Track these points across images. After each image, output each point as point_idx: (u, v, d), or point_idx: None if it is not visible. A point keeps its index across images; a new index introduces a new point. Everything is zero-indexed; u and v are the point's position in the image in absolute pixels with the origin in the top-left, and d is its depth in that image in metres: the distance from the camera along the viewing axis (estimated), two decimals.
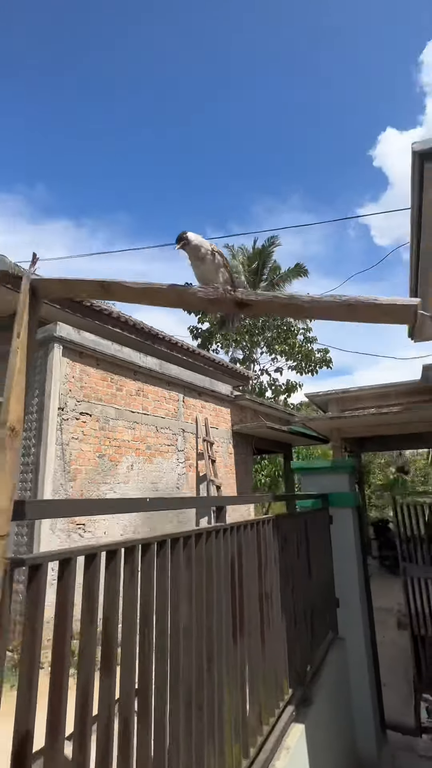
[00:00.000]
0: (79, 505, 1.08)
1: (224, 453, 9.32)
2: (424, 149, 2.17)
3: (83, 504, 1.09)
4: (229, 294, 0.94)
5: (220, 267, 1.14)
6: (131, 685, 1.16)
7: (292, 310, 0.93)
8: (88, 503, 1.10)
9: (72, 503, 1.06)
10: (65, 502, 1.02)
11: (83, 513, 1.08)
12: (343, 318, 0.91)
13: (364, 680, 3.59)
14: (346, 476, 3.95)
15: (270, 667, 2.12)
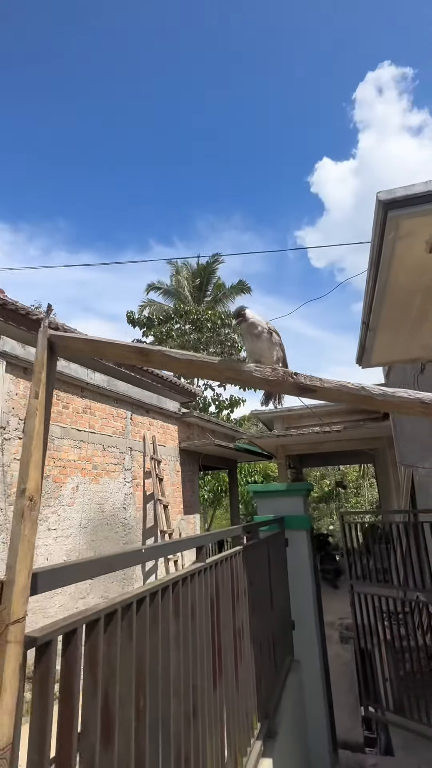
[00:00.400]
0: (91, 565, 1.01)
1: (171, 471, 9.21)
2: (388, 199, 2.32)
3: (92, 565, 1.02)
4: (291, 378, 0.93)
5: (276, 346, 1.14)
6: (129, 756, 1.09)
7: (360, 400, 0.94)
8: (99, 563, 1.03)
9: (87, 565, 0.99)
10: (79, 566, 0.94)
11: (97, 573, 1.01)
12: (417, 413, 0.93)
13: (318, 702, 3.65)
14: (301, 499, 4.05)
15: (242, 704, 2.10)
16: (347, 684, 5.55)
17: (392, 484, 10.72)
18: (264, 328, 1.16)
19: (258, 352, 1.13)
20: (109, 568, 1.08)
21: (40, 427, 0.81)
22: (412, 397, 0.90)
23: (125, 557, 1.17)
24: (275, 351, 1.18)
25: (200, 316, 18.13)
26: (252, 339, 1.16)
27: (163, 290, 21.52)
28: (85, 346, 0.90)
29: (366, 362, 4.59)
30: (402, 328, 3.84)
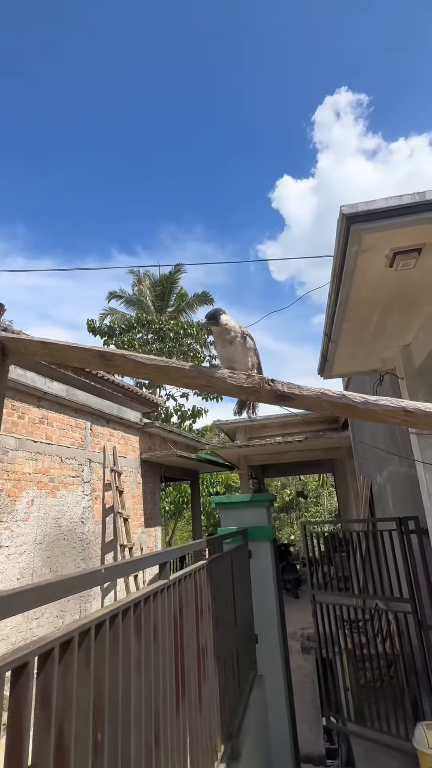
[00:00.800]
0: (43, 591, 0.92)
1: (132, 482, 9.00)
2: (351, 212, 2.37)
3: (47, 589, 0.93)
4: (267, 385, 0.88)
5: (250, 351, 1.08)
6: None
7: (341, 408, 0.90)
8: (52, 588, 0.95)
9: (36, 591, 0.90)
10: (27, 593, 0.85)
11: (49, 600, 0.92)
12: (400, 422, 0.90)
13: (282, 717, 3.60)
14: (264, 510, 4.03)
15: (206, 727, 2.02)
16: (309, 695, 5.53)
17: (351, 493, 10.95)
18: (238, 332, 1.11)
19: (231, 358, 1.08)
20: (64, 593, 0.99)
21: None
22: (395, 405, 0.89)
23: (82, 579, 1.08)
24: (249, 356, 1.12)
25: (163, 326, 18.03)
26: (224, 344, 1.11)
27: (125, 299, 21.29)
28: (40, 350, 0.83)
29: (327, 373, 4.66)
30: (362, 340, 3.93)
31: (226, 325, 1.11)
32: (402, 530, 4.28)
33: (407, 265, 2.71)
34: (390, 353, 4.30)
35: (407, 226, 2.40)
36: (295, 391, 0.91)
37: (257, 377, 0.95)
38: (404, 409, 0.90)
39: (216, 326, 1.11)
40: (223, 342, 1.11)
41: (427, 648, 4.02)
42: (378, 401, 0.91)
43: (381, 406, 0.90)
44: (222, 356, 1.11)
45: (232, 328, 1.11)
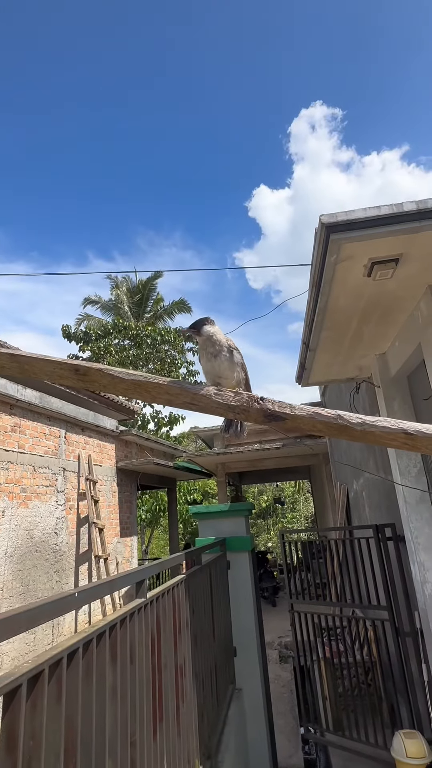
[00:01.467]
0: (10, 622, 0.85)
1: (108, 491, 8.82)
2: (330, 222, 2.37)
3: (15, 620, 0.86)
4: (257, 403, 0.83)
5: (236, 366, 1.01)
6: None
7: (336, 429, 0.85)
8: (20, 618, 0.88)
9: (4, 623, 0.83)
10: None
11: (17, 632, 0.84)
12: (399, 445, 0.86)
13: (260, 730, 3.54)
14: (243, 519, 3.99)
15: (184, 749, 1.94)
16: (287, 706, 5.48)
17: (328, 499, 11.02)
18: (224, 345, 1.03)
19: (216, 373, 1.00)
20: (34, 622, 0.92)
21: None
22: (395, 427, 0.84)
23: (55, 605, 1.01)
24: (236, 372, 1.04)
25: (139, 332, 17.87)
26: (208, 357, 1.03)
27: (101, 305, 21.04)
28: (8, 362, 0.76)
29: (305, 381, 4.68)
30: (340, 348, 3.95)
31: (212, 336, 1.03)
32: (379, 537, 4.30)
33: (385, 275, 2.74)
34: (367, 362, 4.34)
35: (385, 236, 2.42)
36: (287, 410, 0.86)
37: (245, 395, 0.89)
38: (405, 431, 0.85)
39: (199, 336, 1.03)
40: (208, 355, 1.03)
41: (404, 655, 4.03)
42: (376, 422, 0.87)
43: (379, 428, 0.86)
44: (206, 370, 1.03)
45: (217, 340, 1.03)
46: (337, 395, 7.10)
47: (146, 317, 21.51)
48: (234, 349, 1.06)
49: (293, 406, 0.87)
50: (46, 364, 0.77)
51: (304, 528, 27.42)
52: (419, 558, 3.67)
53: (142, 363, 18.23)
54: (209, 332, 1.04)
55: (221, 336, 1.05)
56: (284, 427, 0.90)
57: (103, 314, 20.93)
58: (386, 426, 0.85)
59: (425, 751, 3.35)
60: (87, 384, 0.80)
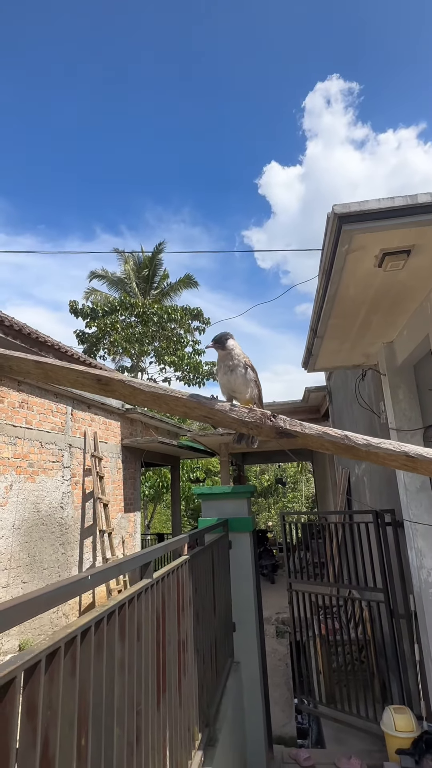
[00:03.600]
0: (27, 606, 0.91)
1: (113, 468, 8.98)
2: (343, 212, 2.36)
3: (31, 604, 0.92)
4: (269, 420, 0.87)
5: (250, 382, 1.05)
6: None
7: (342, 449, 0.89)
8: (36, 602, 0.94)
9: (19, 608, 0.89)
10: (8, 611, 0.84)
11: (32, 614, 0.91)
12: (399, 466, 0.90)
13: (257, 701, 3.70)
14: (245, 501, 4.07)
15: (185, 718, 2.06)
16: (282, 678, 5.70)
17: (329, 481, 11.15)
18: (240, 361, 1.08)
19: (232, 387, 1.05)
20: (53, 603, 0.99)
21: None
22: (398, 450, 0.88)
23: (70, 588, 1.08)
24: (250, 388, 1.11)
25: (146, 309, 17.81)
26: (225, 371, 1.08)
27: (108, 279, 20.91)
28: (34, 369, 0.79)
29: (311, 367, 4.70)
30: (347, 336, 3.96)
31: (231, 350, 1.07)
32: (378, 522, 4.39)
33: (396, 266, 2.73)
34: (374, 349, 4.35)
35: (398, 228, 2.40)
36: (297, 428, 0.91)
37: (259, 412, 0.94)
38: (406, 454, 0.89)
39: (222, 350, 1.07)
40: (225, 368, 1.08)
41: (398, 635, 4.17)
42: (380, 444, 0.91)
43: (383, 449, 0.90)
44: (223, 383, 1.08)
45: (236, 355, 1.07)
46: (343, 380, 7.11)
47: (153, 293, 21.39)
48: (249, 366, 1.10)
49: (303, 425, 0.91)
50: (69, 372, 0.80)
51: (305, 508, 27.80)
52: (416, 544, 3.76)
53: (148, 341, 18.24)
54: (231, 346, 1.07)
55: (239, 351, 1.09)
56: (297, 443, 0.94)
57: (109, 289, 20.83)
58: (389, 448, 0.89)
59: (413, 725, 3.51)
60: (108, 393, 0.84)
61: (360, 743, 4.04)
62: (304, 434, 0.93)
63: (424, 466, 0.91)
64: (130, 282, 20.90)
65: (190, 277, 21.38)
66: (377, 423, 4.80)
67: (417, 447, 0.91)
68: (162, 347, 18.84)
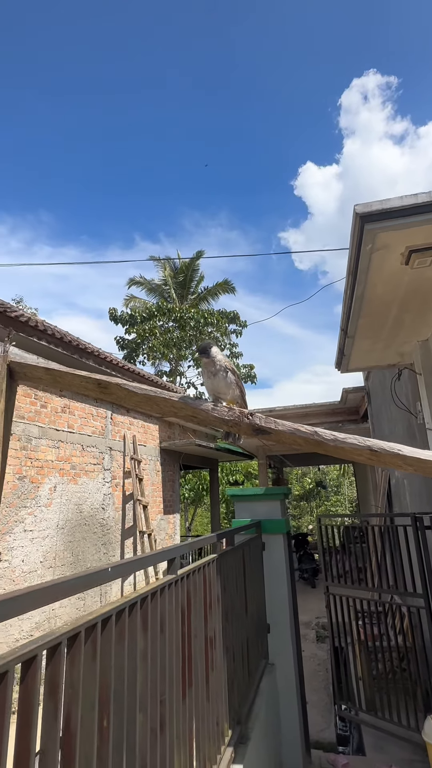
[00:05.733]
0: (49, 591, 0.99)
1: (152, 470, 9.18)
2: (365, 212, 2.35)
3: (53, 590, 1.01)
4: (246, 418, 0.94)
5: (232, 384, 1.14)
6: None
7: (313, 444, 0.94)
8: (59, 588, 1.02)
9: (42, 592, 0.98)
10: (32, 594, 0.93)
11: (53, 600, 1.00)
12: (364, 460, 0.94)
13: (292, 704, 3.69)
14: (278, 503, 4.08)
15: (213, 712, 2.11)
16: (321, 683, 5.63)
17: (370, 484, 10.88)
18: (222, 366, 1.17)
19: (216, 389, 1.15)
20: (72, 591, 1.07)
21: None
22: (362, 444, 0.92)
23: (90, 578, 1.16)
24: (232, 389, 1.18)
25: (183, 314, 18.06)
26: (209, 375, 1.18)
27: (145, 286, 21.37)
28: (44, 375, 0.89)
29: (344, 367, 4.64)
30: (379, 335, 3.89)
31: (214, 357, 1.17)
32: (417, 526, 4.27)
33: (423, 263, 2.68)
34: (408, 348, 4.25)
35: (423, 224, 2.37)
36: (271, 425, 0.96)
37: (237, 411, 1.00)
38: (370, 449, 0.92)
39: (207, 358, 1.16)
40: (209, 373, 1.17)
41: None
42: (346, 439, 0.94)
43: (349, 444, 0.93)
44: (208, 386, 1.17)
45: (218, 361, 1.17)
46: (381, 381, 6.95)
47: (190, 298, 21.66)
48: (230, 370, 1.19)
49: (277, 422, 0.96)
50: (74, 378, 0.89)
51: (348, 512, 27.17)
52: None
53: (186, 345, 18.49)
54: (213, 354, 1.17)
55: (221, 357, 1.19)
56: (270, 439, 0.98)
57: (148, 296, 21.29)
58: (354, 443, 0.92)
59: None
60: (107, 396, 0.92)
61: (401, 752, 3.94)
62: (277, 431, 0.97)
63: (386, 459, 0.93)
64: (168, 288, 21.28)
65: (227, 282, 21.51)
66: (415, 424, 4.67)
67: (380, 441, 0.93)
68: None
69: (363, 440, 0.93)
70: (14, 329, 6.81)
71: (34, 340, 7.13)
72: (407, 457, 0.95)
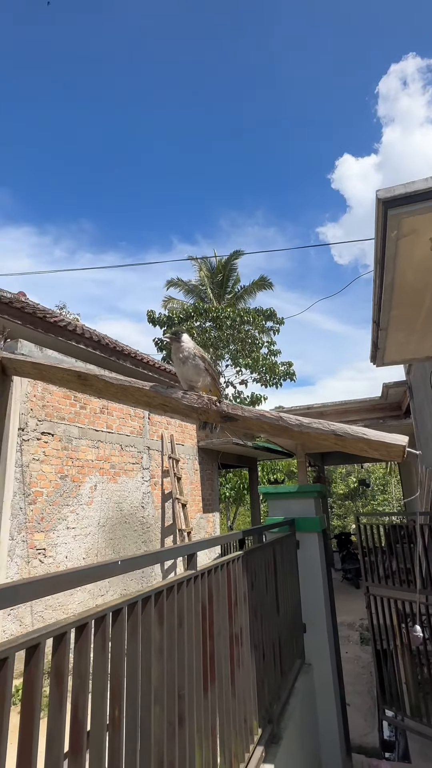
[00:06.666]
0: (57, 580, 1.02)
1: (190, 469, 9.26)
2: (387, 197, 2.26)
3: (54, 581, 1.04)
4: (213, 405, 0.94)
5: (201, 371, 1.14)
6: (102, 765, 1.11)
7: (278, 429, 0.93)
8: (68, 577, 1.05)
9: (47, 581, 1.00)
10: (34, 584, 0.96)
11: (60, 590, 1.03)
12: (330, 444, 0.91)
13: (330, 706, 3.61)
14: (312, 501, 4.00)
15: (240, 709, 2.09)
16: (365, 686, 5.47)
17: (416, 482, 10.47)
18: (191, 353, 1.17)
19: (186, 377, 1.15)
20: (82, 581, 1.09)
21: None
22: (326, 429, 0.88)
23: (99, 570, 1.18)
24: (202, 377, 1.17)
25: (219, 314, 18.10)
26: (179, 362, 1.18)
27: (183, 287, 21.59)
28: (32, 369, 0.93)
29: (380, 361, 4.49)
30: (414, 326, 3.74)
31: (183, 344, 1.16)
32: None
33: None
34: None
35: None
36: (238, 412, 0.94)
37: (206, 398, 0.98)
38: (334, 433, 0.89)
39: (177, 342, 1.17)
40: (179, 361, 1.18)
41: None
42: (311, 424, 0.91)
43: (313, 429, 0.90)
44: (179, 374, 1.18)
45: (187, 348, 1.16)
46: (422, 374, 6.68)
47: (227, 298, 21.68)
48: (200, 357, 1.17)
49: (244, 409, 0.94)
50: (57, 371, 0.92)
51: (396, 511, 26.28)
52: None
53: (223, 344, 18.51)
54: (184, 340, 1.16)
55: (191, 344, 1.17)
56: (238, 426, 0.96)
57: (186, 297, 21.50)
58: (319, 428, 0.88)
59: None
60: (86, 388, 0.94)
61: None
62: (244, 417, 0.95)
63: (351, 443, 0.88)
64: (205, 288, 21.40)
65: (264, 279, 21.37)
66: None
67: (344, 426, 0.89)
68: (238, 350, 19.00)
69: (328, 425, 0.90)
70: (54, 334, 7.07)
71: (73, 343, 7.38)
72: (372, 441, 0.92)
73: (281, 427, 0.93)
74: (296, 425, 0.91)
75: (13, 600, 0.93)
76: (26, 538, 5.56)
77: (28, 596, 0.95)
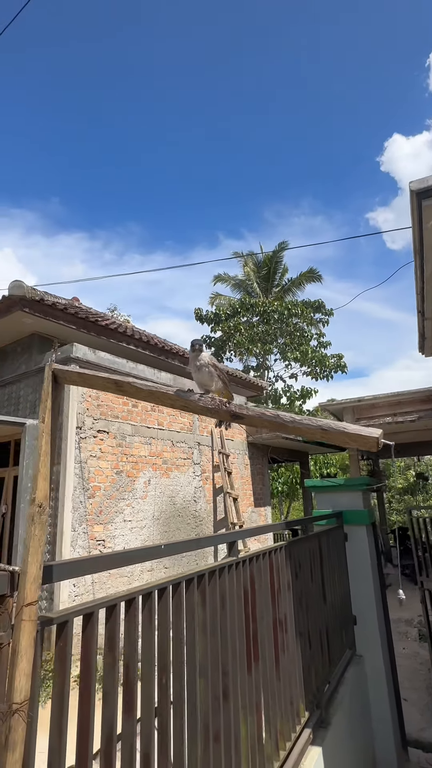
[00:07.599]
0: (101, 561, 1.18)
1: (240, 464, 9.39)
2: (420, 188, 2.25)
3: (104, 560, 1.19)
4: (224, 406, 1.06)
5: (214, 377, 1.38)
6: (151, 725, 1.25)
7: (276, 426, 1.03)
8: (108, 558, 1.20)
9: (95, 560, 1.16)
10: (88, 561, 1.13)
11: (105, 568, 1.18)
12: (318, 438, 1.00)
13: (383, 697, 3.62)
14: (360, 494, 3.99)
15: (285, 691, 2.19)
16: (423, 682, 5.37)
17: None
18: (206, 363, 1.43)
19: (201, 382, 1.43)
20: (111, 565, 1.24)
21: (47, 447, 0.99)
22: (314, 424, 0.96)
23: (143, 552, 1.33)
24: (215, 381, 1.41)
25: (267, 308, 18.05)
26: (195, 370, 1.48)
27: (230, 282, 21.69)
28: (78, 378, 1.08)
29: (428, 351, 4.40)
30: None
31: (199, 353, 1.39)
32: None
33: None
34: None
35: None
36: (243, 411, 1.05)
37: (218, 400, 1.11)
38: (320, 428, 0.97)
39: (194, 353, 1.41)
40: (194, 368, 1.44)
41: None
42: (302, 420, 1.00)
43: (304, 425, 0.99)
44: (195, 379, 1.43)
45: (203, 357, 1.41)
46: None
47: (274, 291, 21.55)
48: (212, 365, 1.42)
49: (248, 408, 1.05)
50: (98, 379, 1.07)
51: None
52: None
53: (271, 339, 18.46)
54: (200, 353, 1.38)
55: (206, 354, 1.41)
56: (245, 423, 1.06)
57: (233, 292, 21.59)
58: (308, 423, 0.96)
59: None
60: (122, 392, 1.08)
61: None
62: (248, 415, 1.05)
63: (334, 436, 0.95)
64: (251, 282, 21.39)
65: (313, 271, 21.04)
66: None
67: (329, 421, 0.96)
68: (286, 343, 18.88)
69: (315, 420, 0.98)
70: (105, 336, 7.43)
71: (123, 345, 7.71)
72: (350, 433, 0.99)
73: (278, 424, 1.03)
74: (290, 421, 1.01)
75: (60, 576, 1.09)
76: (87, 529, 5.93)
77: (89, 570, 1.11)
